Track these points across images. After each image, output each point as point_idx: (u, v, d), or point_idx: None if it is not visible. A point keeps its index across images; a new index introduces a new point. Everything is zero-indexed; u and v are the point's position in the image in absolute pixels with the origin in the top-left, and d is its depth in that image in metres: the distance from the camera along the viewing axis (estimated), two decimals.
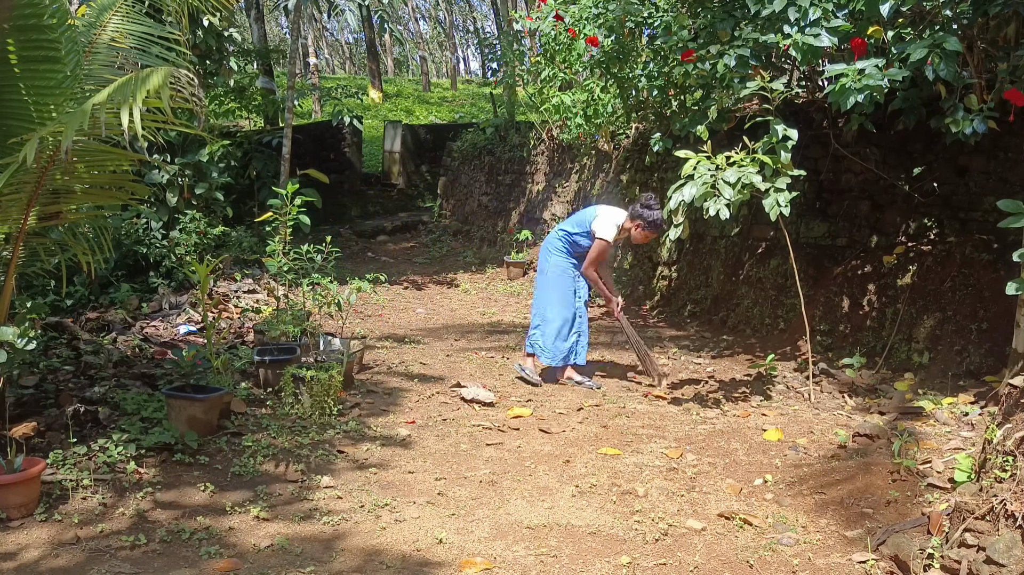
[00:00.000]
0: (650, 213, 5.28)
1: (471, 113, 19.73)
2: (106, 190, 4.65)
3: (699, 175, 4.54)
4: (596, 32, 7.57)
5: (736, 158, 4.61)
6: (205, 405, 4.24)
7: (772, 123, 4.66)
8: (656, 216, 5.27)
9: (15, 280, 4.16)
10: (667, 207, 4.72)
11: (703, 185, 4.51)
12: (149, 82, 3.29)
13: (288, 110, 9.62)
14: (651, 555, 3.17)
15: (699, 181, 4.52)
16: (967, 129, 4.45)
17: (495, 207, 11.76)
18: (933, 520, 3.09)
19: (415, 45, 42.87)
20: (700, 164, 4.59)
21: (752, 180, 4.46)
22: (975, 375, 4.94)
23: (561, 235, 5.58)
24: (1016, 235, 4.18)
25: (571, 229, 5.53)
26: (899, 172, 5.73)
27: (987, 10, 4.33)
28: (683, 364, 6.05)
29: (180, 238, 7.55)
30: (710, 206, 4.49)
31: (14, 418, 4.10)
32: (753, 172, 4.48)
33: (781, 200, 4.50)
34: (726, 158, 4.62)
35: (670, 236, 4.84)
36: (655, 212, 5.28)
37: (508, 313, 8.06)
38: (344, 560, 3.11)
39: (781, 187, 4.54)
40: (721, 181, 4.48)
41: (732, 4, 5.54)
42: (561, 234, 5.58)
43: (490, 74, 12.63)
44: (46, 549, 3.13)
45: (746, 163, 4.55)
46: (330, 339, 5.71)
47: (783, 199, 4.51)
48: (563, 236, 5.56)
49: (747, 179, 4.46)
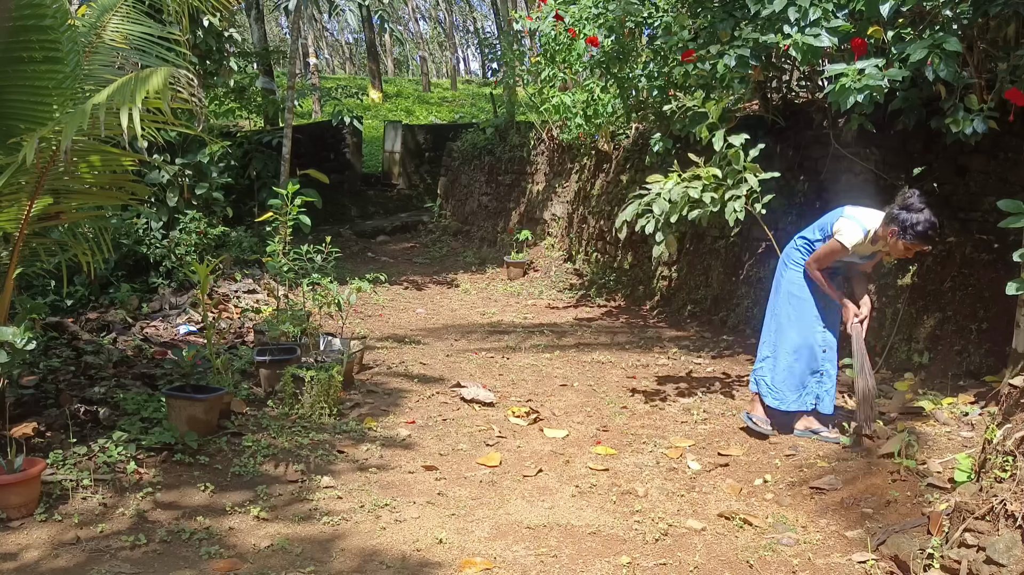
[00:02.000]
0: (908, 216, 3.94)
1: (471, 113, 19.72)
2: (106, 190, 4.65)
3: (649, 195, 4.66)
4: (596, 32, 7.56)
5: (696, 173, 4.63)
6: (205, 405, 4.24)
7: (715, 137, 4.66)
8: (916, 220, 3.93)
9: (15, 280, 4.16)
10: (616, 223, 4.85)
11: (638, 205, 4.66)
12: (149, 83, 3.29)
13: (288, 110, 9.62)
14: (651, 555, 3.17)
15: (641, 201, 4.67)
16: (967, 129, 4.45)
17: (495, 207, 11.76)
18: (933, 520, 3.09)
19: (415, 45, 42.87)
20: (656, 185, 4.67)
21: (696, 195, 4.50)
22: (975, 375, 4.94)
23: (800, 244, 4.47)
24: (1016, 235, 4.18)
25: (811, 236, 4.41)
26: (899, 172, 5.73)
27: (987, 10, 4.33)
28: (683, 364, 6.05)
29: (180, 238, 7.55)
30: (641, 222, 4.67)
31: (14, 418, 4.10)
32: (695, 187, 4.52)
33: (737, 207, 4.50)
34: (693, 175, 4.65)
35: (654, 254, 4.88)
36: (916, 216, 3.93)
37: (508, 313, 8.06)
38: (344, 560, 3.11)
39: (739, 194, 4.52)
40: (661, 198, 4.57)
41: (732, 4, 5.54)
42: (800, 242, 4.47)
43: (490, 74, 12.65)
44: (46, 549, 3.14)
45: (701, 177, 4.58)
46: (330, 339, 5.71)
47: (739, 206, 4.50)
48: (802, 245, 4.45)
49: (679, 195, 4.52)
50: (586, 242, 9.47)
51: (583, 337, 6.98)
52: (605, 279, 8.70)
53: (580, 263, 9.51)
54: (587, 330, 7.25)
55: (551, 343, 6.72)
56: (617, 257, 8.77)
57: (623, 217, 4.77)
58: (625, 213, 4.76)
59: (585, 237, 9.50)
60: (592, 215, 9.36)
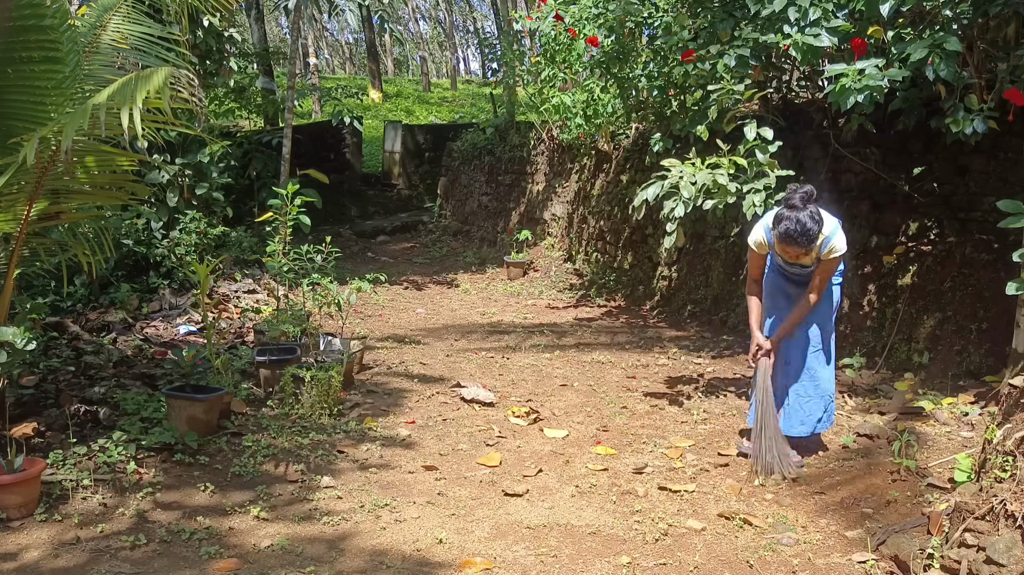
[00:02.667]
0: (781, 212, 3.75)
1: (471, 113, 19.73)
2: (106, 190, 4.65)
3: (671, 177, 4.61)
4: (596, 32, 7.56)
5: (717, 161, 4.63)
6: (205, 405, 4.24)
7: (746, 126, 4.71)
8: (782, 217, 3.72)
9: (15, 280, 4.16)
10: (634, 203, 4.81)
11: (667, 186, 4.58)
12: (150, 83, 3.29)
13: (288, 110, 9.62)
14: (651, 555, 3.17)
15: (665, 182, 4.60)
16: (967, 129, 4.45)
17: (495, 207, 11.77)
18: (933, 520, 3.09)
19: (415, 45, 42.86)
20: (676, 168, 4.64)
21: (719, 181, 4.48)
22: (975, 375, 4.94)
23: None
24: (1016, 235, 4.19)
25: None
26: (899, 172, 5.73)
27: (987, 10, 4.33)
28: (683, 364, 6.05)
29: (180, 238, 7.55)
30: (668, 204, 4.57)
31: (14, 418, 4.10)
32: (722, 174, 4.50)
33: (757, 200, 4.50)
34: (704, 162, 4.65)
35: (664, 245, 4.86)
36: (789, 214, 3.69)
37: (508, 313, 8.06)
38: (344, 560, 3.11)
39: (759, 188, 4.54)
40: (685, 181, 4.52)
41: (732, 4, 5.54)
42: None
43: (490, 74, 12.65)
44: (46, 549, 3.14)
45: (722, 166, 4.58)
46: (330, 339, 5.71)
47: (759, 199, 4.51)
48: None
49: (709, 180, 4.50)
50: (586, 242, 9.47)
51: (583, 337, 6.98)
52: (605, 279, 8.70)
53: (580, 263, 9.51)
54: (587, 330, 7.25)
55: (551, 343, 6.72)
56: (617, 257, 8.77)
57: (644, 196, 4.64)
58: (647, 192, 4.63)
59: (585, 237, 9.51)
60: (592, 215, 9.36)
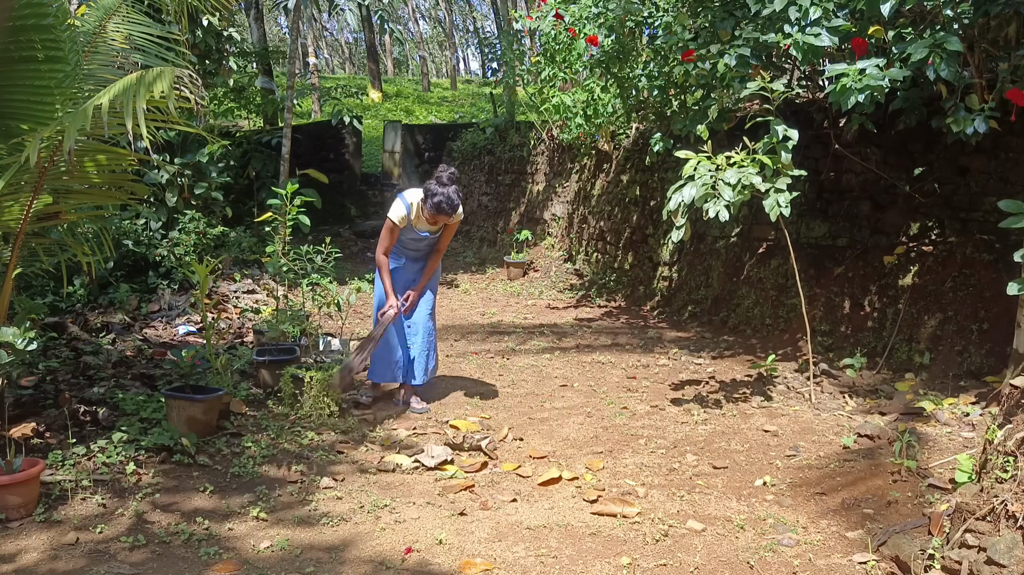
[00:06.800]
0: (433, 188, 4.66)
1: (471, 113, 19.73)
2: (106, 190, 4.64)
3: (699, 176, 4.52)
4: (596, 32, 7.56)
5: (736, 158, 4.60)
6: (204, 406, 4.23)
7: (773, 123, 4.65)
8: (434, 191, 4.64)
9: (15, 280, 4.15)
10: (667, 207, 4.67)
11: (703, 186, 4.47)
12: (155, 86, 3.29)
13: (288, 110, 9.61)
14: (651, 556, 3.16)
15: (699, 182, 4.49)
16: (968, 129, 4.45)
17: (495, 207, 11.76)
18: (934, 521, 3.08)
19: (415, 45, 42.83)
20: (700, 165, 4.58)
21: (752, 181, 4.45)
22: (976, 375, 4.94)
23: None
24: (1017, 235, 4.17)
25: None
26: (900, 172, 5.73)
27: (988, 10, 4.32)
28: (684, 364, 6.05)
29: (180, 238, 7.55)
30: (710, 207, 4.46)
31: (13, 419, 4.10)
32: (753, 173, 4.47)
33: (781, 200, 4.49)
34: (726, 158, 4.61)
35: (672, 238, 4.82)
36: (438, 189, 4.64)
37: (508, 313, 8.05)
38: (344, 561, 3.10)
39: (781, 187, 4.54)
40: (721, 182, 4.46)
41: (732, 4, 5.54)
42: None
43: (490, 74, 12.62)
44: (45, 551, 3.13)
45: (746, 163, 4.55)
46: (330, 339, 5.70)
47: (783, 199, 4.50)
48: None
49: (747, 180, 4.44)
50: (586, 242, 9.46)
51: (583, 337, 6.97)
52: (605, 279, 8.69)
53: (580, 263, 9.51)
54: (587, 330, 7.24)
55: (551, 343, 6.72)
56: (617, 257, 8.77)
57: (679, 199, 4.53)
58: (682, 194, 4.51)
59: (585, 237, 9.50)
60: (592, 215, 9.36)
